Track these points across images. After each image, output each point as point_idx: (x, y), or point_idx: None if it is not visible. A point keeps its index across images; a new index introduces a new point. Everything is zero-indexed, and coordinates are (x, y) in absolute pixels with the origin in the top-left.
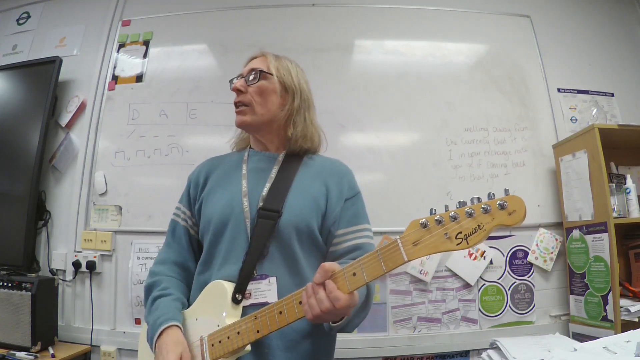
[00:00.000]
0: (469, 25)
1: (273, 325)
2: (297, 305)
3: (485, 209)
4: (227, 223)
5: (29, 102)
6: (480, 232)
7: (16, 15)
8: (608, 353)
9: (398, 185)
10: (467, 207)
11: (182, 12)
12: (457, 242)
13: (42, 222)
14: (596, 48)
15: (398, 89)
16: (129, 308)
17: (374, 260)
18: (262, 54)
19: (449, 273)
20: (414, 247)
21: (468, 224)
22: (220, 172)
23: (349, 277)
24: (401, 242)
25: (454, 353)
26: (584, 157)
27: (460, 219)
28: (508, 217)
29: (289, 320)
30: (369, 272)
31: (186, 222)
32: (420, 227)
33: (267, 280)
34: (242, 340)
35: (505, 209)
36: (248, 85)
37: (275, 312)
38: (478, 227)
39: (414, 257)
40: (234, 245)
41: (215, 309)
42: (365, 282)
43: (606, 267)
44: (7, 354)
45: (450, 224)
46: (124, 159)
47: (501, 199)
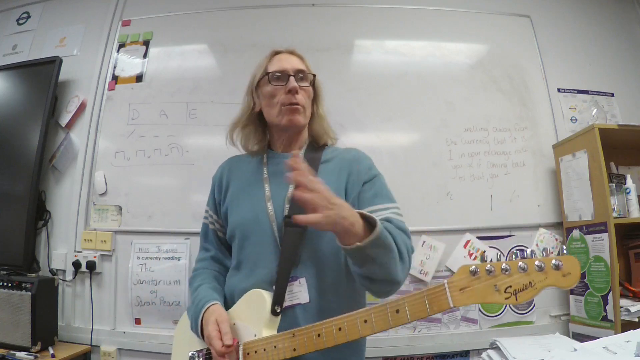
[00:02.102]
0: (469, 25)
1: (310, 346)
2: (337, 331)
3: (540, 267)
4: (254, 228)
5: (29, 102)
6: (531, 290)
7: (16, 15)
8: (608, 353)
9: (398, 185)
10: (520, 261)
11: (182, 12)
12: (506, 296)
13: (42, 222)
14: (596, 48)
15: (398, 89)
16: (129, 308)
17: (419, 300)
18: (298, 54)
19: (449, 273)
20: (461, 293)
21: (520, 279)
22: (241, 176)
23: (391, 314)
24: (448, 286)
25: (454, 353)
26: (584, 157)
27: (512, 272)
28: (562, 279)
29: (327, 345)
30: (412, 311)
31: (214, 226)
32: (469, 274)
33: (297, 282)
34: (277, 354)
35: (560, 270)
36: (301, 88)
37: (313, 334)
38: (529, 285)
39: (460, 304)
40: (263, 250)
41: (253, 318)
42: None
43: (606, 267)
44: (7, 354)
45: (501, 276)
46: (124, 159)
47: (557, 258)
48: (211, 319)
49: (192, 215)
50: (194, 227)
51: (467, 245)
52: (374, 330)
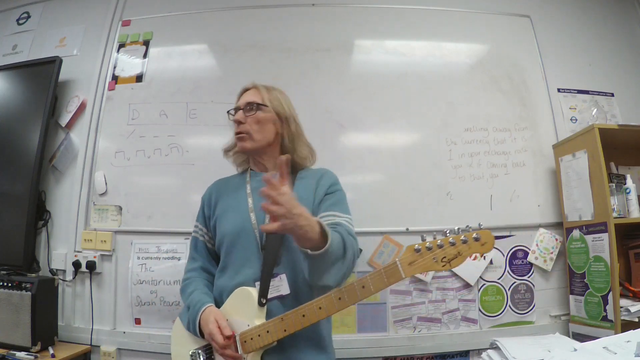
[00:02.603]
0: (469, 25)
1: (297, 325)
2: (318, 310)
3: (464, 241)
4: (239, 235)
5: (29, 102)
6: (459, 258)
7: (16, 15)
8: (608, 353)
9: (398, 185)
10: (450, 238)
11: (182, 12)
12: (443, 264)
13: (42, 222)
14: (596, 48)
15: (398, 89)
16: (129, 308)
17: (378, 276)
18: (254, 86)
19: (449, 273)
20: (409, 266)
21: (451, 251)
22: (228, 193)
23: (359, 289)
24: (400, 262)
25: (454, 353)
26: (584, 157)
27: (445, 247)
28: (481, 247)
29: (311, 321)
30: (375, 285)
31: (204, 238)
32: (414, 251)
33: (278, 278)
34: (271, 337)
35: (479, 241)
36: (246, 116)
37: (299, 315)
38: (458, 254)
39: (409, 274)
40: (247, 253)
41: (244, 312)
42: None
43: (606, 267)
44: (7, 354)
45: (438, 250)
46: (124, 159)
47: (476, 232)
48: (210, 318)
49: (192, 216)
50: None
51: None
52: (346, 304)
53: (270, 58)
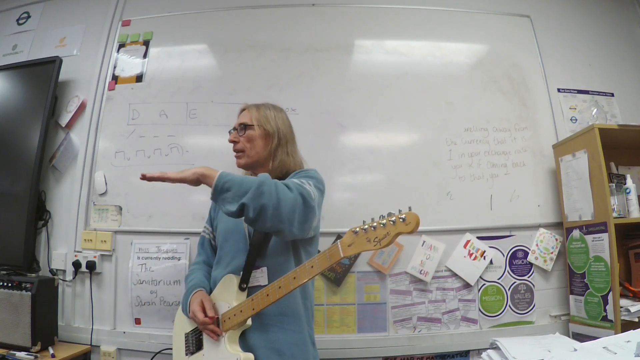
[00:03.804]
0: (469, 25)
1: (263, 303)
2: (278, 289)
3: (393, 222)
4: (232, 233)
5: (29, 102)
6: (387, 237)
7: (16, 15)
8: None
9: (398, 185)
10: (381, 220)
11: (182, 12)
12: (374, 244)
13: (42, 222)
14: (596, 48)
15: (398, 89)
16: (129, 308)
17: (323, 256)
18: (246, 107)
19: (449, 273)
20: (348, 247)
21: (381, 232)
22: None
23: (308, 269)
24: (340, 243)
25: (454, 353)
26: (584, 157)
27: (377, 228)
28: (405, 226)
29: (273, 299)
30: (321, 264)
31: (209, 236)
32: (353, 233)
33: (260, 270)
34: (243, 315)
35: (404, 222)
36: (240, 136)
37: (264, 294)
38: (387, 234)
39: (348, 254)
40: (237, 248)
41: (227, 295)
42: (319, 271)
43: (606, 267)
44: (7, 354)
45: (371, 232)
46: (124, 159)
47: (403, 214)
48: (197, 300)
49: (192, 216)
50: (194, 227)
51: (467, 245)
52: (299, 282)
53: (270, 58)
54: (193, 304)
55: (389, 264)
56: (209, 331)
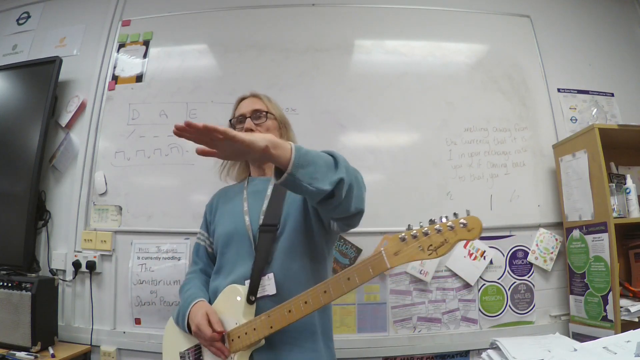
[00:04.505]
0: (469, 25)
1: (283, 321)
2: (304, 304)
3: (451, 227)
4: (233, 237)
5: (29, 102)
6: (446, 245)
7: (16, 15)
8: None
9: (398, 185)
10: (436, 225)
11: (182, 12)
12: (429, 252)
13: (42, 222)
14: (596, 48)
15: (398, 89)
16: (129, 308)
17: (364, 267)
18: (256, 95)
19: (449, 273)
20: (394, 256)
21: (437, 239)
22: (227, 200)
23: (344, 282)
24: (385, 252)
25: (454, 353)
26: (584, 157)
27: (431, 234)
28: (468, 233)
29: (296, 317)
30: (360, 277)
31: (205, 242)
32: (399, 240)
33: (266, 277)
34: (257, 335)
35: (465, 227)
36: (256, 124)
37: (285, 311)
38: (445, 241)
39: (395, 265)
40: (240, 254)
41: (233, 309)
42: (357, 285)
43: (606, 267)
44: (7, 354)
45: (423, 239)
46: (124, 159)
47: (463, 218)
48: (200, 312)
49: (192, 216)
50: (194, 227)
51: (467, 245)
52: (331, 297)
53: (270, 58)
54: (197, 317)
55: None
56: (215, 350)
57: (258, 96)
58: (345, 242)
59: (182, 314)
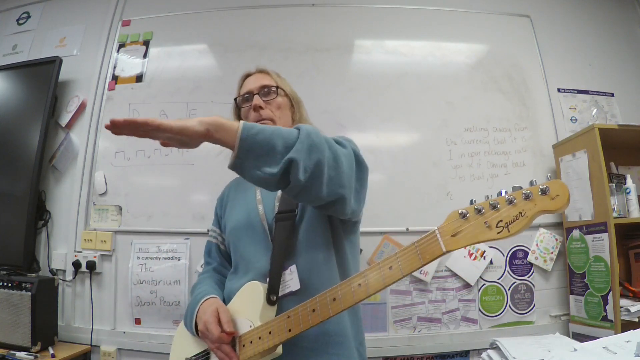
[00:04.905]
0: (469, 25)
1: (305, 323)
2: (332, 302)
3: (527, 195)
4: (246, 230)
5: (29, 102)
6: (522, 220)
7: (16, 15)
8: (608, 353)
9: (398, 185)
10: (507, 195)
11: (182, 12)
12: (498, 230)
13: (42, 222)
14: (596, 48)
15: (398, 89)
16: (129, 308)
17: (411, 252)
18: (263, 70)
19: (449, 273)
20: (452, 238)
21: (509, 212)
22: (238, 190)
23: (385, 271)
24: (439, 232)
25: (454, 353)
26: (584, 157)
27: (501, 207)
28: (551, 202)
29: (322, 318)
30: (405, 264)
31: (217, 239)
32: (459, 217)
33: (288, 270)
34: (273, 340)
35: (547, 195)
36: (266, 101)
37: (308, 310)
38: (520, 215)
39: (453, 248)
40: (256, 247)
41: (249, 310)
42: (402, 276)
43: (606, 267)
44: (7, 354)
45: (490, 212)
46: (124, 159)
47: (543, 184)
48: (210, 308)
49: (192, 215)
50: (194, 227)
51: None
52: (368, 292)
53: (270, 58)
54: (205, 314)
55: None
56: (222, 354)
57: (266, 71)
58: None
59: (191, 312)
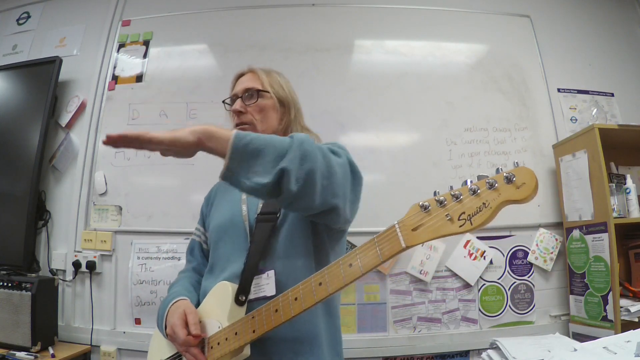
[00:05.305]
0: (469, 25)
1: (269, 324)
2: (293, 302)
3: (491, 184)
4: (227, 228)
5: (29, 102)
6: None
7: (16, 15)
8: (608, 353)
9: (398, 185)
10: (471, 184)
11: (182, 12)
12: (460, 223)
13: (42, 222)
14: (596, 48)
15: (398, 89)
16: (129, 308)
17: (370, 248)
18: (251, 70)
19: (449, 273)
20: (413, 232)
21: (472, 203)
22: (225, 189)
23: (344, 270)
24: (399, 227)
25: (454, 353)
26: (584, 157)
27: (464, 197)
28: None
29: (285, 318)
30: (365, 261)
31: (200, 238)
32: (420, 210)
33: (265, 275)
34: (239, 341)
35: (513, 183)
36: (247, 105)
37: (271, 310)
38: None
39: (414, 243)
40: (234, 248)
41: (218, 311)
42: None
43: (606, 267)
44: (7, 354)
45: (453, 204)
46: (124, 159)
47: (508, 171)
48: (178, 311)
49: (192, 216)
50: (194, 227)
51: (467, 245)
52: (328, 292)
53: (270, 58)
54: (173, 317)
55: (389, 263)
56: (190, 357)
57: (254, 71)
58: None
59: (161, 315)
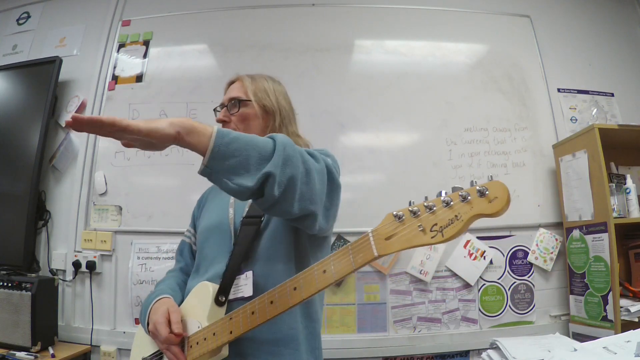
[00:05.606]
0: (469, 25)
1: (245, 325)
2: (268, 305)
3: (464, 197)
4: (214, 230)
5: (29, 102)
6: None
7: (16, 15)
8: (608, 353)
9: (398, 185)
10: (445, 196)
11: (182, 12)
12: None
13: (42, 222)
14: (596, 48)
15: (398, 89)
16: (129, 308)
17: (344, 255)
18: (239, 78)
19: (449, 273)
20: (385, 241)
21: (444, 215)
22: (217, 192)
23: (319, 275)
24: (372, 236)
25: (454, 353)
26: (584, 157)
27: (437, 209)
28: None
29: (260, 321)
30: (338, 268)
31: (190, 240)
32: (394, 219)
33: (244, 275)
34: (216, 341)
35: (485, 196)
36: (231, 115)
37: (248, 313)
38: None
39: (385, 253)
40: (219, 249)
41: (198, 310)
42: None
43: (606, 267)
44: (7, 354)
45: (426, 215)
46: (124, 159)
47: (481, 185)
48: (161, 308)
49: (192, 216)
50: None
51: (467, 245)
52: (302, 296)
53: (270, 58)
54: (156, 314)
55: (389, 264)
56: (171, 355)
57: (240, 79)
58: (345, 242)
59: (144, 312)
